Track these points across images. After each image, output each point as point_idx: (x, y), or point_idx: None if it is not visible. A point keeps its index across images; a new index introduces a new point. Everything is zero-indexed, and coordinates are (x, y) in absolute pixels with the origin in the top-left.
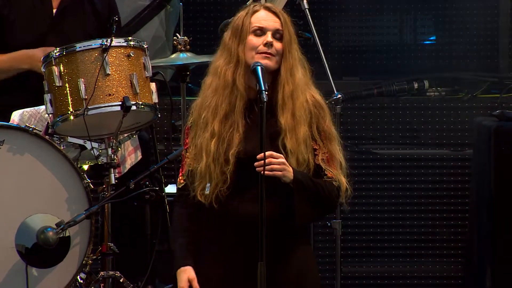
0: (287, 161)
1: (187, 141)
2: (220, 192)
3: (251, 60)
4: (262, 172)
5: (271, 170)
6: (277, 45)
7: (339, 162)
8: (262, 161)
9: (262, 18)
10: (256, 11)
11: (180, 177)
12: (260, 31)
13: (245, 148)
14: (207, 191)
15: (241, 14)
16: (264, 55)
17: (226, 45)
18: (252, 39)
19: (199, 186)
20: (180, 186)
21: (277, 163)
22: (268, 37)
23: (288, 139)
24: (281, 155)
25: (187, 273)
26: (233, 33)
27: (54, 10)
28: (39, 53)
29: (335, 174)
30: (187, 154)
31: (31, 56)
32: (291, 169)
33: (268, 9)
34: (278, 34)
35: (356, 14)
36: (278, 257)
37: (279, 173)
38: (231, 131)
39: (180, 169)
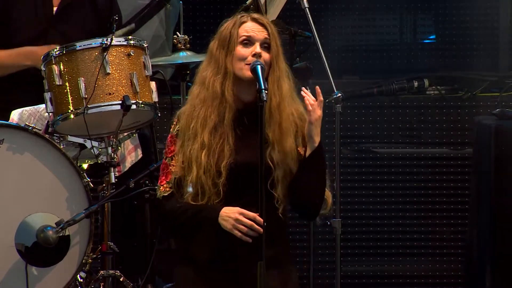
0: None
1: (171, 148)
2: (213, 203)
3: (240, 72)
4: (260, 168)
5: (313, 107)
6: (265, 55)
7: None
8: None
9: (250, 28)
10: (244, 22)
11: (165, 185)
12: (248, 41)
13: (236, 159)
14: (190, 190)
15: (228, 24)
16: None
17: (213, 56)
18: (240, 50)
19: (188, 195)
20: (166, 194)
21: (318, 115)
22: (257, 48)
23: (276, 152)
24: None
25: (230, 207)
26: (220, 43)
27: (55, 9)
28: (42, 50)
29: None
30: (172, 162)
31: (35, 53)
32: (319, 135)
33: (255, 20)
34: (266, 44)
35: (356, 13)
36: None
37: (312, 117)
38: (221, 143)
39: (163, 177)
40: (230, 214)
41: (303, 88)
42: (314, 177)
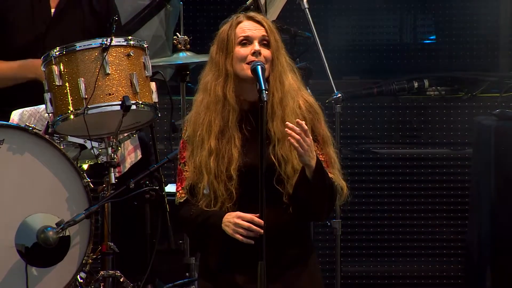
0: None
1: (184, 154)
2: (227, 209)
3: (242, 72)
4: (260, 168)
5: (298, 143)
6: (265, 52)
7: (338, 165)
8: (292, 129)
9: (246, 27)
10: (240, 22)
11: (181, 191)
12: (247, 41)
13: (245, 161)
14: (205, 192)
15: (225, 27)
16: None
17: (213, 60)
18: (240, 50)
19: (203, 201)
20: (182, 200)
21: (307, 144)
22: (256, 45)
23: (280, 147)
24: (310, 138)
25: (231, 213)
26: (219, 47)
27: (53, 10)
28: None
29: (336, 176)
30: (186, 168)
31: (37, 66)
32: (315, 156)
33: (251, 18)
34: (264, 41)
35: (356, 13)
36: (283, 268)
37: (301, 150)
38: (228, 146)
39: (178, 183)
40: (230, 219)
41: (287, 123)
42: (319, 193)
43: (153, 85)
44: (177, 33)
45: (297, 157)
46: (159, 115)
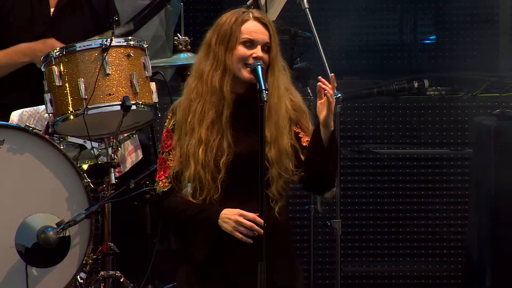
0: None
1: (168, 143)
2: (212, 199)
3: (238, 72)
4: (260, 168)
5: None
6: (265, 57)
7: None
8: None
9: (253, 30)
10: (246, 20)
11: (164, 180)
12: (250, 43)
13: (235, 155)
14: (189, 190)
15: (230, 19)
16: None
17: (211, 49)
18: (241, 50)
19: (185, 190)
20: (165, 189)
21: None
22: (258, 51)
23: (272, 151)
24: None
25: (230, 209)
26: (220, 38)
27: (52, 10)
28: (39, 45)
29: None
30: (170, 156)
31: (32, 48)
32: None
33: (258, 19)
34: (266, 47)
35: (356, 13)
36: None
37: (332, 108)
38: (219, 139)
39: (161, 172)
40: (230, 216)
41: (320, 78)
42: (332, 160)
43: (153, 85)
44: (178, 34)
45: (325, 116)
46: (159, 115)
